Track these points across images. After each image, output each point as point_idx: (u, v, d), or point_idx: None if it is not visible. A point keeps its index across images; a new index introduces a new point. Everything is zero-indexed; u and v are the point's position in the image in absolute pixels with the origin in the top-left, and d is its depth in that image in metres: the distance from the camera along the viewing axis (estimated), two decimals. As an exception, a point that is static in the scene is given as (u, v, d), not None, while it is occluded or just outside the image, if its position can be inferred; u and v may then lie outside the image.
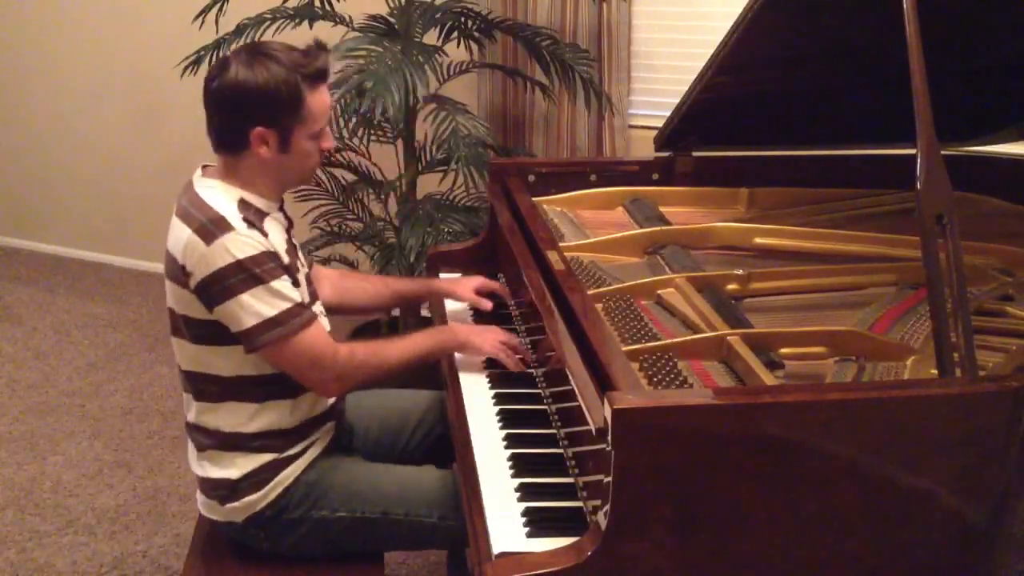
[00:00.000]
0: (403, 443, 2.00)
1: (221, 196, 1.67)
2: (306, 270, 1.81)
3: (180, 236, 1.64)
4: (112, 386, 3.53)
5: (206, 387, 1.72)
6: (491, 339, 1.84)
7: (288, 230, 1.79)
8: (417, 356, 1.80)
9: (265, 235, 1.66)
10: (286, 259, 1.69)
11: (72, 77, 4.58)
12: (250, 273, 1.60)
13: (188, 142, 4.30)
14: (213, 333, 1.67)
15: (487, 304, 2.01)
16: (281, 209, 1.79)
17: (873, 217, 2.19)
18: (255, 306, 1.61)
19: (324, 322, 1.83)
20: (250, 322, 1.61)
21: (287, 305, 1.63)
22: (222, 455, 1.73)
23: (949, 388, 1.30)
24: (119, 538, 2.64)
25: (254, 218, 1.67)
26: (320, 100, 1.68)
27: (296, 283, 1.69)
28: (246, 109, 1.64)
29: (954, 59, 1.88)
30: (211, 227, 1.61)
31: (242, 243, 1.61)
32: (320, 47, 1.71)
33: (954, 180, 1.37)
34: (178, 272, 1.64)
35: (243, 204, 1.67)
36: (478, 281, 2.06)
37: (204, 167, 1.76)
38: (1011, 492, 1.31)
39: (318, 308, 1.82)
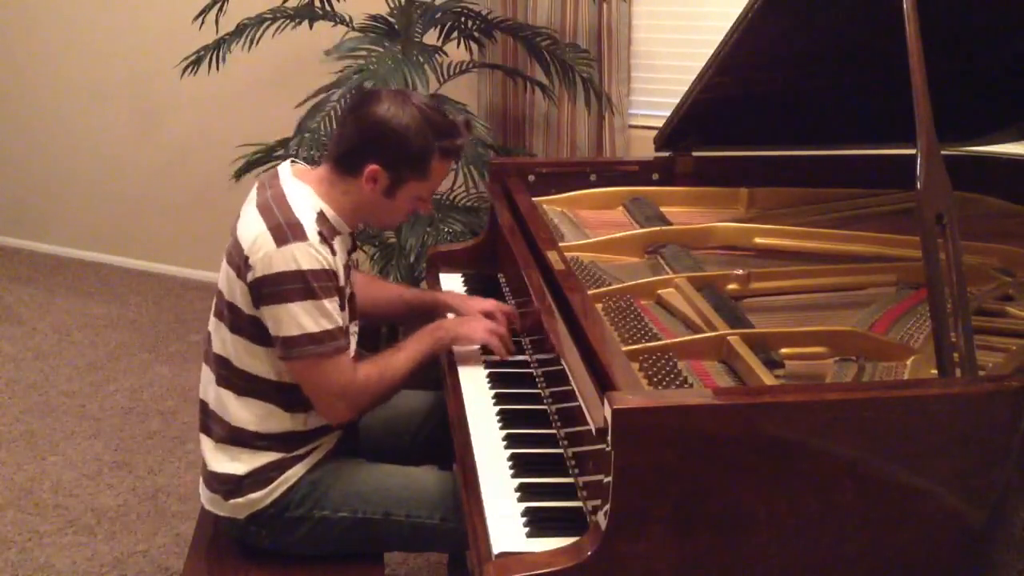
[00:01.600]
0: (404, 443, 2.01)
1: (306, 202, 1.69)
2: (350, 291, 1.82)
3: (253, 228, 1.65)
4: (112, 386, 3.53)
5: (231, 377, 1.74)
6: (480, 327, 1.85)
7: (350, 252, 1.81)
8: (418, 363, 1.80)
9: (334, 253, 1.68)
10: (342, 281, 1.71)
11: (72, 77, 4.58)
12: (307, 285, 1.62)
13: (188, 142, 4.32)
14: (252, 329, 1.69)
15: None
16: (351, 233, 1.80)
17: (873, 217, 2.19)
18: (301, 318, 1.62)
19: (354, 340, 1.83)
20: (291, 331, 1.63)
21: (330, 326, 1.65)
22: (229, 448, 1.74)
23: (949, 388, 1.30)
24: (119, 538, 2.64)
25: (328, 233, 1.68)
26: (442, 171, 1.74)
27: (343, 306, 1.71)
28: (376, 143, 1.69)
29: (954, 59, 1.88)
30: (287, 230, 1.63)
31: (311, 255, 1.62)
32: (467, 127, 1.78)
33: (954, 180, 1.37)
34: (240, 261, 1.66)
35: (321, 217, 1.69)
36: (489, 304, 1.97)
37: (292, 162, 1.78)
38: (1011, 492, 1.31)
39: (354, 327, 1.82)
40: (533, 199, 2.16)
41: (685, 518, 1.23)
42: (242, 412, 1.73)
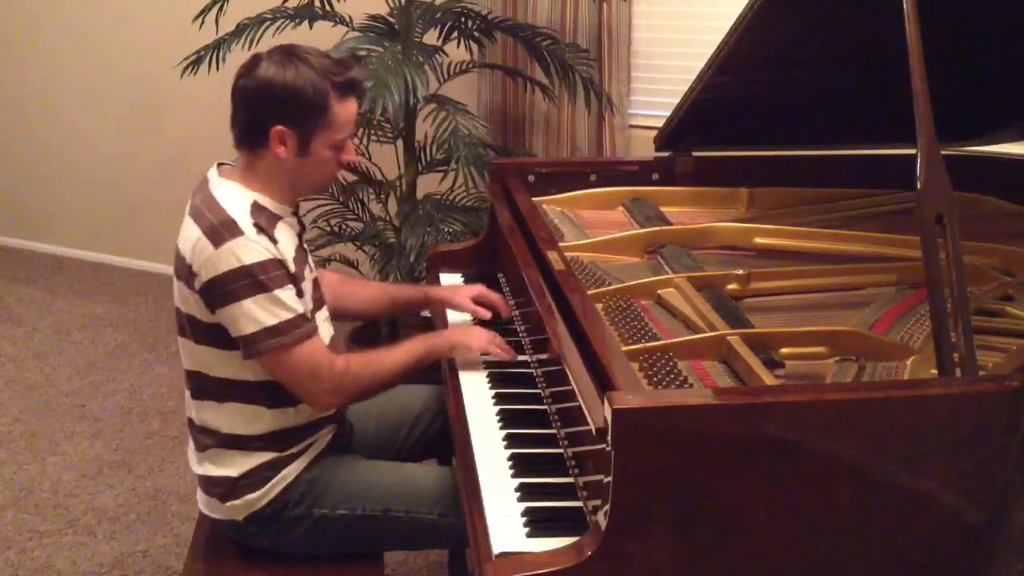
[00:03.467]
0: (402, 439, 2.00)
1: (235, 198, 1.67)
2: (314, 275, 1.81)
3: (190, 236, 1.64)
4: (112, 386, 3.53)
5: (207, 387, 1.72)
6: (479, 337, 1.84)
7: (300, 235, 1.79)
8: (410, 364, 1.79)
9: (275, 241, 1.66)
10: (293, 267, 1.68)
11: (72, 77, 4.58)
12: (255, 279, 1.60)
13: (188, 142, 4.32)
14: (216, 335, 1.67)
15: (485, 313, 1.98)
16: (295, 213, 1.78)
17: (873, 217, 2.19)
18: (256, 313, 1.61)
19: (329, 327, 1.83)
20: (249, 329, 1.61)
21: (288, 315, 1.63)
22: (222, 454, 1.73)
23: (949, 388, 1.30)
24: (119, 538, 2.64)
25: (266, 222, 1.66)
26: (346, 110, 1.67)
27: (300, 292, 1.69)
28: (269, 106, 1.64)
29: (954, 59, 1.88)
30: (221, 230, 1.61)
31: (250, 248, 1.61)
32: (354, 59, 1.71)
33: (954, 180, 1.37)
34: (185, 272, 1.65)
35: (256, 207, 1.67)
36: (477, 290, 2.02)
37: (219, 165, 1.76)
38: (1011, 492, 1.31)
39: (324, 314, 1.82)
40: (533, 199, 2.16)
41: (685, 518, 1.23)
42: (228, 419, 1.72)
